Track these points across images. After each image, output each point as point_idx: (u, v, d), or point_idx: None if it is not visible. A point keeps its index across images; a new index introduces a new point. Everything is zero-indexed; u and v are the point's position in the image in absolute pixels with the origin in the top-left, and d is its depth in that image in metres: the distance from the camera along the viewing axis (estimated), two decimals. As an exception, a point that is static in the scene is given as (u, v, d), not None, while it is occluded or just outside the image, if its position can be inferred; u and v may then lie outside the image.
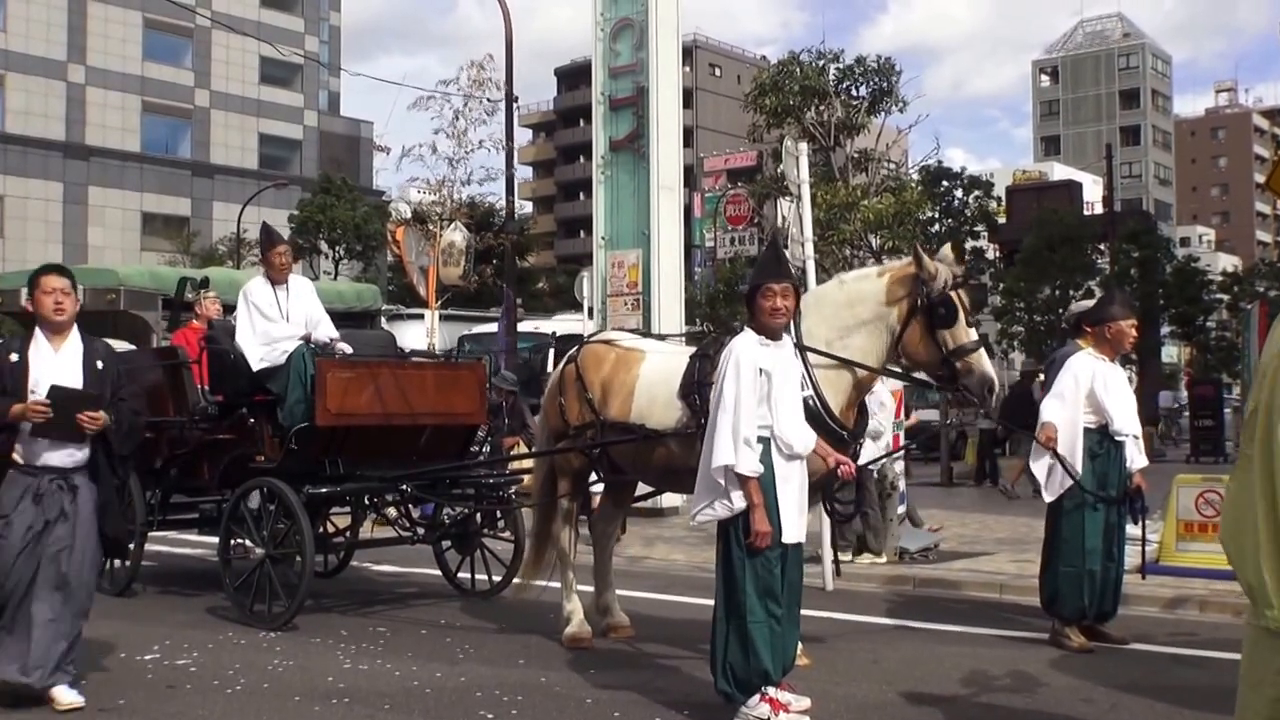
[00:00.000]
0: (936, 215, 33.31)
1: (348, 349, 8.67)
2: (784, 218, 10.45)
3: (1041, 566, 7.65)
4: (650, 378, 7.01)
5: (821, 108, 12.33)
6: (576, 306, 23.39)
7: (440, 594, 9.35)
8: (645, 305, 14.72)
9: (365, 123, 68.63)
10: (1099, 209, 48.79)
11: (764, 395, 5.51)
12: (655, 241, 14.78)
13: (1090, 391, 7.32)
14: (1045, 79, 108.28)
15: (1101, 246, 36.82)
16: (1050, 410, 7.33)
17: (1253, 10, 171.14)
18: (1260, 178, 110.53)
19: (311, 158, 61.80)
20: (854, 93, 13.70)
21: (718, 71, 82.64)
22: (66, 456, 5.73)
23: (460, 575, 9.42)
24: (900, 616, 8.44)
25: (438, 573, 9.64)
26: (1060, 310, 31.85)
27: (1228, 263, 63.64)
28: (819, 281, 8.60)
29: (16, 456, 5.63)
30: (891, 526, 10.79)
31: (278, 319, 8.45)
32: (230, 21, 44.94)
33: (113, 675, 6.56)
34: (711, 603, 5.71)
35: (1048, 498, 7.42)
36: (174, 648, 7.23)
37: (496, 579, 9.13)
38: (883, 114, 13.41)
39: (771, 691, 5.48)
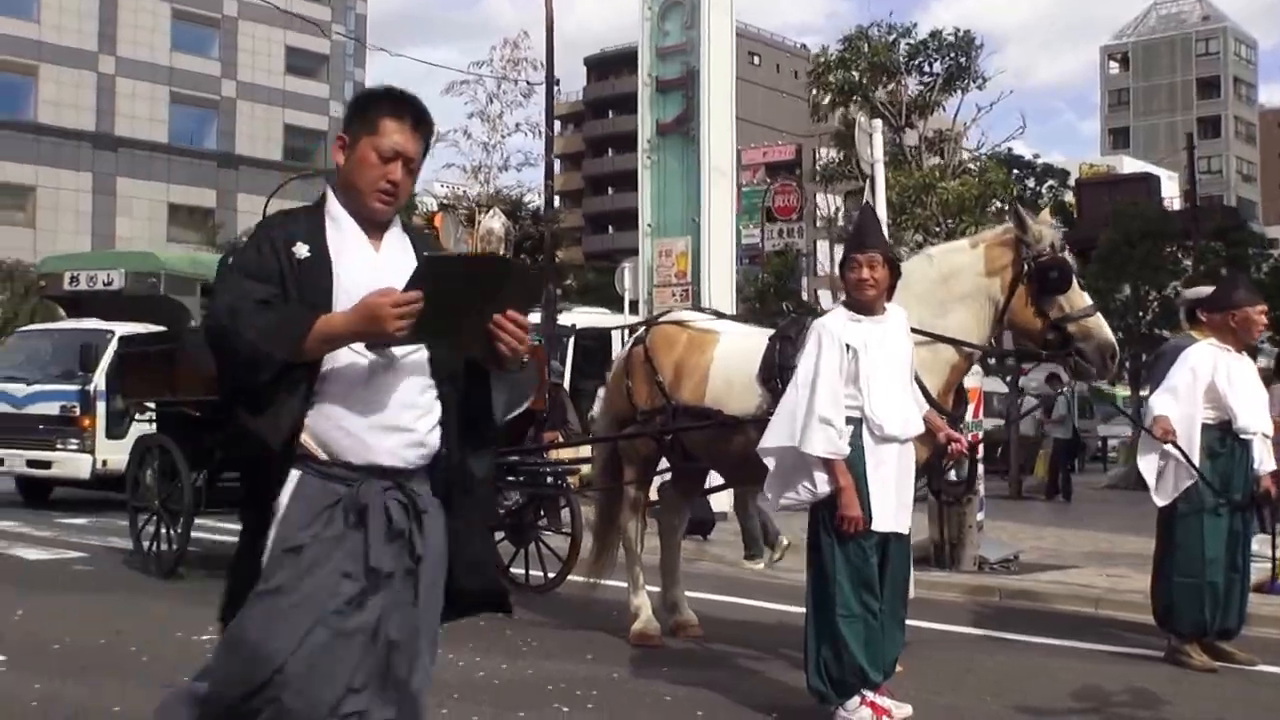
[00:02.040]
0: (1006, 206, 32.91)
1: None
2: (838, 209, 10.31)
3: (1153, 577, 7.20)
4: (726, 361, 6.85)
5: (891, 85, 12.11)
6: (606, 303, 23.24)
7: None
8: (695, 295, 14.50)
9: (392, 114, 68.82)
10: (1177, 205, 47.75)
11: (851, 374, 5.33)
12: (706, 228, 14.61)
13: (1210, 385, 6.86)
14: (1115, 66, 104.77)
15: (1187, 243, 35.94)
16: (1161, 404, 6.87)
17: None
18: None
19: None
20: (927, 69, 13.48)
21: (757, 60, 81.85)
22: (407, 446, 3.02)
23: (514, 570, 9.30)
24: (989, 627, 8.18)
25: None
26: (1140, 313, 31.14)
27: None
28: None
29: (309, 443, 2.96)
30: (970, 534, 10.59)
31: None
32: (256, 11, 45.41)
33: (172, 655, 6.47)
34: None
35: (1160, 501, 6.96)
36: (229, 629, 7.16)
37: (551, 575, 9.01)
38: (959, 92, 13.16)
39: (871, 695, 5.29)
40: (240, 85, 59.49)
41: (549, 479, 9.23)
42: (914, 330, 6.01)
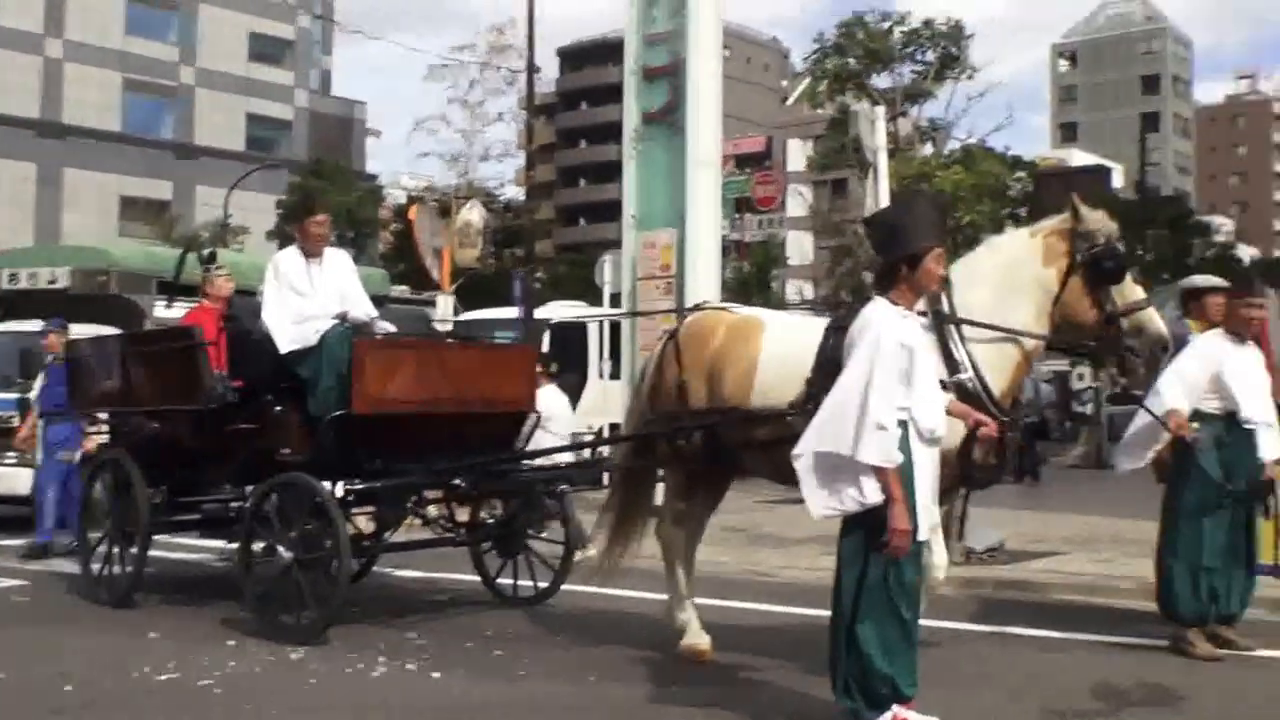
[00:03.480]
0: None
1: (390, 327, 8.18)
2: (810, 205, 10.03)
3: (1156, 564, 7.27)
4: (778, 351, 6.54)
5: (885, 73, 11.87)
6: (578, 296, 22.83)
7: (477, 601, 8.83)
8: (679, 289, 14.26)
9: (358, 103, 68.26)
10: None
11: (905, 374, 5.04)
12: (691, 221, 14.34)
13: (1216, 375, 6.98)
14: (1064, 64, 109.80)
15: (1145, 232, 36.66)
16: (1174, 394, 6.89)
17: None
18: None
19: (301, 139, 61.33)
20: (920, 58, 13.20)
21: (727, 52, 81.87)
22: None
23: (501, 581, 8.91)
24: (991, 622, 8.02)
25: (469, 577, 9.13)
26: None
27: (1246, 253, 63.60)
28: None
29: None
30: (955, 524, 10.33)
31: (310, 294, 7.95)
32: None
33: (125, 699, 5.97)
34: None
35: (1122, 465, 7.29)
36: (192, 665, 6.66)
37: (542, 585, 8.64)
38: (951, 81, 12.91)
39: (901, 710, 5.05)
40: (199, 72, 58.19)
41: (539, 484, 8.82)
42: (983, 325, 6.07)
